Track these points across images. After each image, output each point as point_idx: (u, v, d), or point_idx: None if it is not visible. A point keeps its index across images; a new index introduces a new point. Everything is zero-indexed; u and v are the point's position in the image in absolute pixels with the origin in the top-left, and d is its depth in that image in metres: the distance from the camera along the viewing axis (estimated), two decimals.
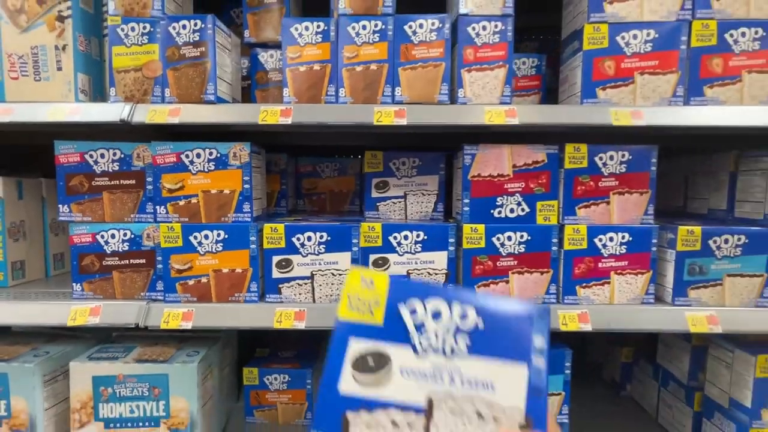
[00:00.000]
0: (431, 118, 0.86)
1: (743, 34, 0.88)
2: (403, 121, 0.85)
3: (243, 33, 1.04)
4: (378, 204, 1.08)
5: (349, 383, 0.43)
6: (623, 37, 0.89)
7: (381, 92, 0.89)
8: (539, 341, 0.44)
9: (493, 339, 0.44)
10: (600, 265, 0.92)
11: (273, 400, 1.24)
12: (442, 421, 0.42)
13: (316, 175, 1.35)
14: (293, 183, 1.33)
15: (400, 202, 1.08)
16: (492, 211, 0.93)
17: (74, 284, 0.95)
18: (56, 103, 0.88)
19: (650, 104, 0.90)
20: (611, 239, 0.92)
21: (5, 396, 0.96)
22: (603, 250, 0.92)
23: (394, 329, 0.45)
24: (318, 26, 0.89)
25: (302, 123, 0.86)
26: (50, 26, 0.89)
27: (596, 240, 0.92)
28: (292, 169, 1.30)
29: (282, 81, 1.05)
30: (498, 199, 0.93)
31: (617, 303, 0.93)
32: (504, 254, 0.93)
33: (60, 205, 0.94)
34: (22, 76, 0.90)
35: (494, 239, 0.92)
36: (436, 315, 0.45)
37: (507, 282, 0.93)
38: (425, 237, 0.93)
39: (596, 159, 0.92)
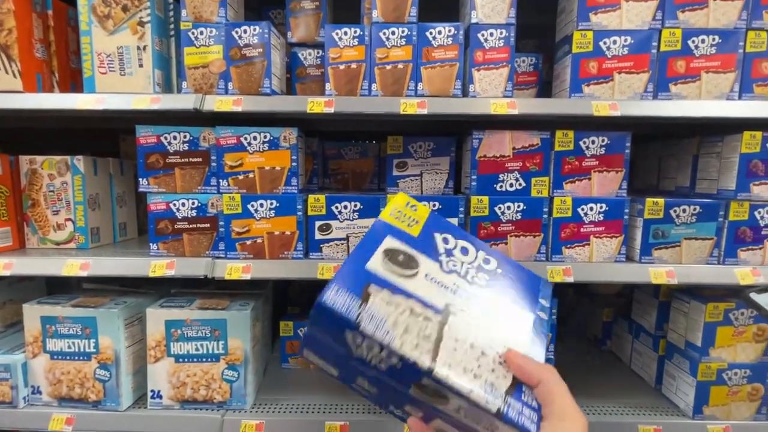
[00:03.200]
0: (447, 108, 1.06)
1: (703, 41, 1.08)
2: (425, 111, 1.04)
3: (286, 34, 1.23)
4: (398, 181, 1.28)
5: (377, 264, 0.49)
6: (605, 42, 1.09)
7: (406, 87, 1.09)
8: (544, 301, 0.53)
9: (508, 284, 0.51)
10: (582, 230, 1.13)
11: None
12: (455, 327, 0.47)
13: (341, 157, 1.55)
14: (321, 164, 1.53)
15: (416, 179, 1.28)
16: (495, 185, 1.14)
17: (151, 244, 1.16)
18: (140, 93, 1.07)
19: (625, 98, 1.10)
20: (591, 209, 1.13)
21: (94, 335, 1.17)
22: (584, 218, 1.13)
23: (427, 244, 0.52)
24: (355, 32, 1.08)
25: (342, 112, 1.05)
26: (133, 30, 1.07)
27: (579, 209, 1.13)
28: (320, 151, 1.50)
29: (318, 76, 1.24)
30: (500, 175, 1.13)
31: (595, 261, 1.14)
32: (504, 221, 1.13)
33: (140, 179, 1.13)
34: (109, 72, 1.09)
35: (496, 208, 1.13)
36: (464, 251, 0.53)
37: (506, 243, 1.14)
38: (440, 206, 1.13)
39: (581, 143, 1.12)
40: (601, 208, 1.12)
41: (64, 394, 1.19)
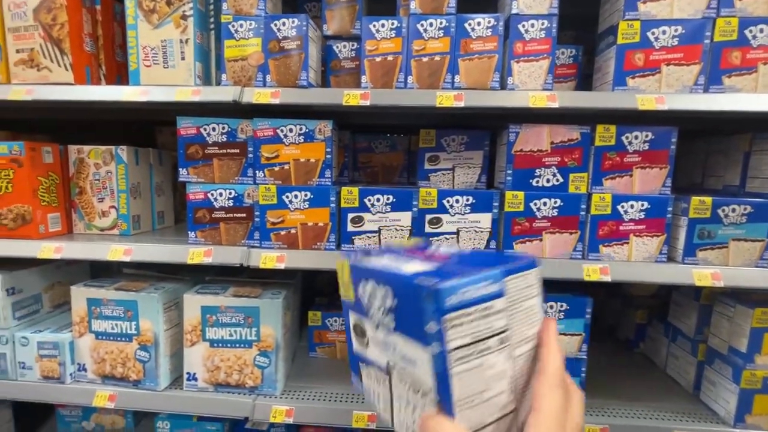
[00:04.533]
0: (484, 101, 1.04)
1: (761, 30, 1.01)
2: (461, 104, 1.03)
3: (322, 26, 1.23)
4: (429, 175, 1.27)
5: (355, 345, 0.52)
6: (653, 33, 1.04)
7: (443, 79, 1.08)
8: (432, 326, 0.37)
9: (404, 319, 0.42)
10: (621, 228, 1.10)
11: (332, 338, 1.49)
12: (396, 384, 0.45)
13: (371, 150, 1.55)
14: (351, 157, 1.53)
15: (448, 173, 1.27)
16: (531, 180, 1.11)
17: (189, 232, 1.20)
18: (182, 86, 1.10)
19: (673, 91, 1.05)
20: (632, 206, 1.09)
21: (135, 318, 1.23)
22: (624, 216, 1.09)
23: (359, 304, 0.49)
24: (392, 23, 1.07)
25: (378, 105, 1.05)
26: (176, 24, 1.10)
27: (619, 207, 1.09)
28: (350, 144, 1.50)
29: (353, 68, 1.24)
30: (536, 170, 1.11)
31: (634, 260, 1.11)
32: (539, 217, 1.11)
33: (180, 169, 1.17)
34: (153, 64, 1.12)
35: (531, 204, 1.11)
36: (372, 296, 0.46)
37: (541, 240, 1.12)
38: (474, 201, 1.12)
39: (623, 138, 1.08)
40: (642, 205, 1.09)
41: (107, 372, 1.25)
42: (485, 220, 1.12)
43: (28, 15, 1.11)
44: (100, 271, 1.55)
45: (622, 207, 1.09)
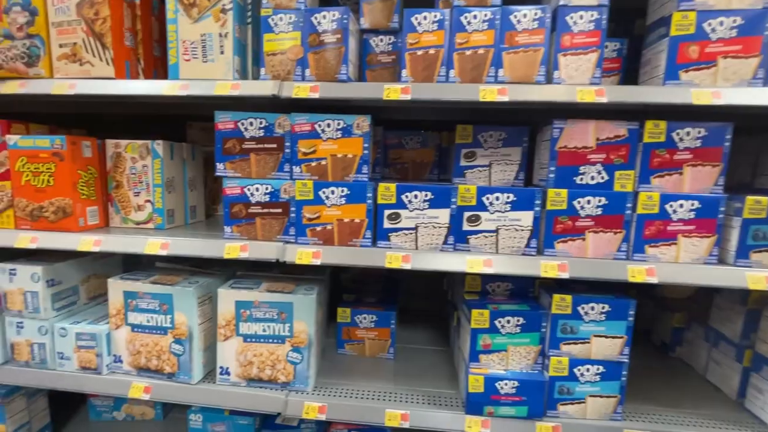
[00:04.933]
0: (529, 95, 1.01)
1: None
2: (505, 98, 1.00)
3: (359, 20, 1.22)
4: (465, 171, 1.25)
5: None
6: (709, 24, 0.99)
7: (486, 73, 1.05)
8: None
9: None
10: (669, 228, 1.06)
11: (361, 335, 1.49)
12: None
13: (401, 146, 1.53)
14: (382, 153, 1.52)
15: (485, 170, 1.24)
16: (574, 178, 1.08)
17: (225, 227, 1.20)
18: (221, 80, 1.10)
19: (729, 85, 1.00)
20: (681, 206, 1.05)
21: (170, 312, 1.24)
22: (672, 215, 1.05)
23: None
24: (435, 16, 1.05)
25: (418, 99, 1.03)
26: (216, 17, 1.10)
27: (667, 206, 1.05)
28: (381, 140, 1.49)
29: (389, 63, 1.22)
30: (581, 168, 1.08)
31: (682, 262, 1.07)
32: (582, 216, 1.08)
33: (217, 163, 1.17)
34: (192, 59, 1.12)
35: (575, 202, 1.08)
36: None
37: (583, 239, 1.09)
38: (515, 198, 1.09)
39: (674, 134, 1.04)
40: (692, 205, 1.04)
41: (142, 364, 1.27)
42: (526, 218, 1.09)
43: (72, 10, 1.12)
44: (131, 265, 1.57)
45: (671, 206, 1.05)
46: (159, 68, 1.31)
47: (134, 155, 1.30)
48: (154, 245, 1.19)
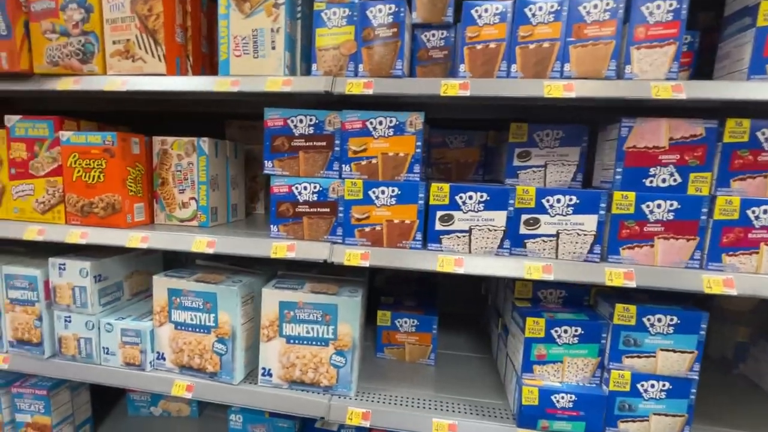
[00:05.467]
0: (598, 91, 0.95)
1: None
2: (572, 95, 0.94)
3: (411, 14, 1.17)
4: (518, 172, 1.19)
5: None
6: None
7: (551, 68, 0.99)
8: None
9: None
10: (750, 235, 0.97)
11: (402, 340, 1.44)
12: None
13: (445, 145, 1.48)
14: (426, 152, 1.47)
15: (540, 170, 1.18)
16: (644, 180, 1.01)
17: (272, 226, 1.18)
18: (272, 76, 1.08)
19: None
20: (765, 211, 0.96)
21: (214, 311, 1.22)
22: (755, 222, 0.97)
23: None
24: (496, 8, 1.00)
25: (478, 96, 0.98)
26: (268, 12, 1.08)
27: (749, 212, 0.97)
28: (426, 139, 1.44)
29: (441, 59, 1.18)
30: (651, 169, 1.00)
31: (764, 272, 0.98)
32: (651, 221, 1.01)
33: (265, 161, 1.15)
34: (243, 54, 1.11)
35: (644, 206, 1.00)
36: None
37: (652, 246, 1.02)
38: (577, 201, 1.03)
39: (758, 134, 0.95)
40: None
41: (185, 362, 1.26)
42: (590, 222, 1.03)
43: (126, 6, 1.12)
44: (170, 262, 1.58)
45: (753, 212, 0.97)
46: (206, 65, 1.31)
47: (180, 152, 1.29)
48: (200, 243, 1.18)
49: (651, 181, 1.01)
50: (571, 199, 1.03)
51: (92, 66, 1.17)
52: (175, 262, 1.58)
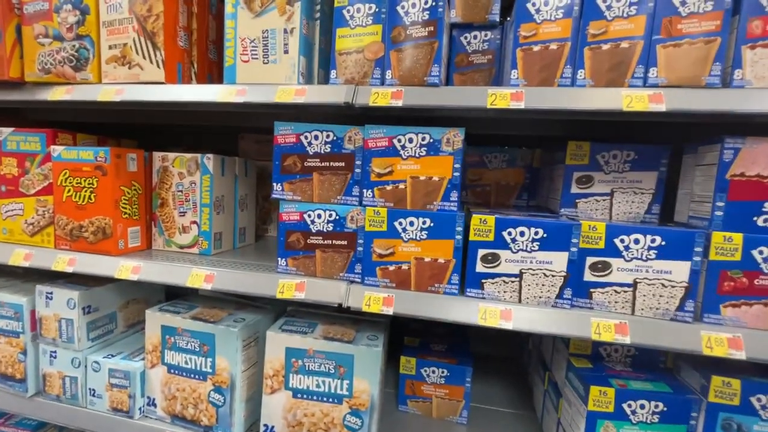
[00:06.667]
0: (695, 103, 0.73)
1: None
2: (661, 107, 0.73)
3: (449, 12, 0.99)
4: (577, 201, 0.97)
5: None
6: None
7: (630, 74, 0.78)
8: None
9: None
10: None
11: (429, 392, 1.22)
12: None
13: (483, 165, 1.28)
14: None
15: (605, 200, 0.96)
16: (755, 218, 0.77)
17: (279, 259, 1.00)
18: (283, 84, 0.91)
19: None
20: None
21: (212, 354, 1.05)
22: None
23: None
24: (560, 0, 0.80)
25: (534, 108, 0.78)
26: (281, 10, 0.92)
27: None
28: None
29: (484, 64, 0.99)
30: (765, 204, 0.77)
31: None
32: (765, 271, 0.77)
33: (274, 183, 0.98)
34: (252, 59, 0.95)
35: (755, 252, 0.77)
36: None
37: (765, 305, 0.77)
38: (662, 242, 0.80)
39: None
40: None
41: (177, 411, 1.09)
42: (681, 270, 0.80)
43: (124, 6, 0.99)
44: (175, 290, 1.43)
45: None
46: (214, 73, 1.16)
47: (182, 170, 1.15)
48: (197, 277, 1.01)
49: (765, 220, 0.77)
50: (653, 240, 0.81)
51: (86, 74, 1.04)
52: (181, 289, 1.43)
